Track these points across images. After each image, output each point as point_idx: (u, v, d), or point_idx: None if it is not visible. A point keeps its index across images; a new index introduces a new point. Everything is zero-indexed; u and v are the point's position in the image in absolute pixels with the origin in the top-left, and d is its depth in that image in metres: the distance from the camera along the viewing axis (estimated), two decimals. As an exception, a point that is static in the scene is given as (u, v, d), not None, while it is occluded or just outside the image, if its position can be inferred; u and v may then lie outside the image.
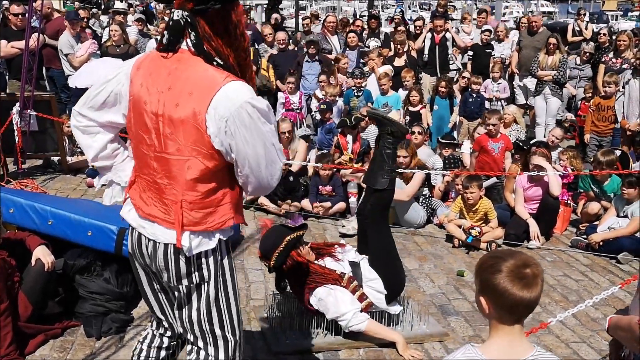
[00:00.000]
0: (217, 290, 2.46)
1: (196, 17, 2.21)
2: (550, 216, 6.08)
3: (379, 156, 4.18)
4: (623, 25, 30.01)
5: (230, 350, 2.55)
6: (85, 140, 2.56)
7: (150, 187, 2.39)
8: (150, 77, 2.30)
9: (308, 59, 9.26)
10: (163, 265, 2.42)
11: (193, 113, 2.21)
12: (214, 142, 2.23)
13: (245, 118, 2.20)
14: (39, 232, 4.28)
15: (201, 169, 2.28)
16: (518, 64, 10.08)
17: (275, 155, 2.32)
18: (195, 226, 2.34)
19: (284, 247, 3.78)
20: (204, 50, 2.24)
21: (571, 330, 4.30)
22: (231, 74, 2.25)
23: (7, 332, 3.54)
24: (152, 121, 2.29)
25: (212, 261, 2.43)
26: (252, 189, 2.39)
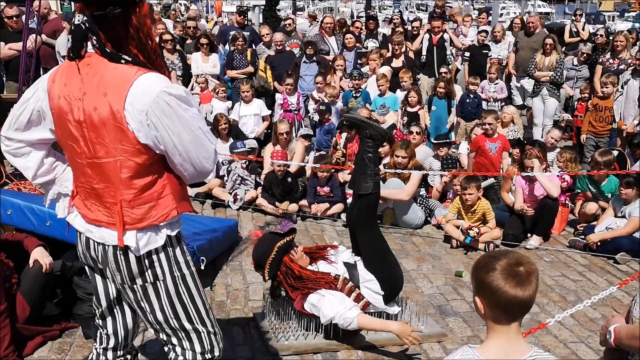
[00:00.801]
0: (175, 285, 2.48)
1: (97, 22, 2.21)
2: (548, 217, 6.08)
3: (360, 161, 4.16)
4: (620, 25, 30.08)
5: (205, 340, 2.58)
6: (20, 162, 2.58)
7: (90, 195, 2.41)
8: (66, 87, 2.31)
9: (306, 60, 9.26)
10: (115, 267, 2.43)
11: (111, 113, 2.21)
12: (139, 136, 2.23)
13: (164, 107, 2.20)
14: (37, 233, 4.27)
15: (133, 166, 2.29)
16: (515, 65, 10.09)
17: (203, 138, 2.32)
18: (139, 223, 2.35)
19: (276, 255, 3.79)
20: (107, 52, 2.24)
21: (569, 331, 4.30)
22: (143, 67, 2.25)
23: (6, 333, 3.53)
24: (77, 130, 2.31)
25: (164, 258, 2.44)
26: (189, 176, 2.39)
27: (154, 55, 2.32)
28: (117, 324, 2.70)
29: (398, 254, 5.22)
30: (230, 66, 9.56)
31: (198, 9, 24.97)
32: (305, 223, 6.50)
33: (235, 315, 4.37)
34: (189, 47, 10.21)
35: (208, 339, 2.59)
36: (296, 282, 3.85)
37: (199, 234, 4.93)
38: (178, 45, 10.00)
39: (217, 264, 5.15)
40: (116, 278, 2.48)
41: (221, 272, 5.08)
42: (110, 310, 2.68)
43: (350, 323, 3.76)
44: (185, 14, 18.37)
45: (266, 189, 6.75)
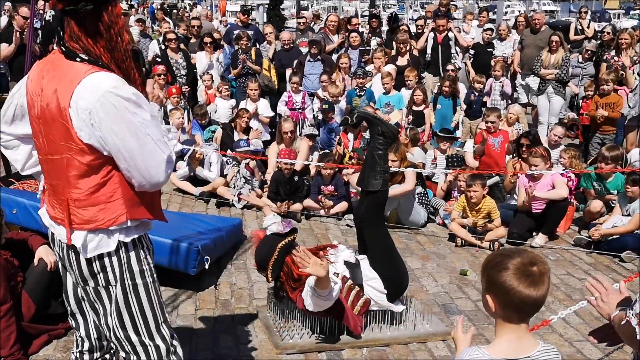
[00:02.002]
0: (125, 293, 2.40)
1: (67, 18, 2.20)
2: (557, 216, 6.06)
3: (370, 158, 4.16)
4: (625, 23, 29.96)
5: (152, 353, 2.47)
6: (11, 155, 2.62)
7: (50, 190, 2.41)
8: (32, 83, 2.33)
9: (310, 59, 9.26)
10: (69, 266, 2.43)
11: (58, 109, 2.20)
12: (81, 135, 2.19)
13: (109, 108, 2.14)
14: (42, 232, 4.28)
15: (78, 166, 2.25)
16: (520, 63, 10.06)
17: (153, 146, 2.22)
18: (86, 224, 2.30)
19: (278, 255, 3.79)
20: (66, 48, 2.22)
21: (574, 329, 4.29)
22: (98, 67, 2.21)
23: (11, 332, 3.55)
24: (37, 125, 2.32)
25: (117, 263, 2.37)
26: (137, 184, 2.29)
27: (123, 55, 2.28)
28: (89, 324, 2.63)
29: (403, 253, 5.21)
30: (234, 65, 9.57)
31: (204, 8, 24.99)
32: (310, 222, 6.49)
33: (239, 314, 4.37)
34: (192, 47, 10.23)
35: (156, 352, 2.48)
36: (295, 283, 3.85)
37: (203, 233, 4.94)
38: (182, 44, 10.01)
39: (222, 263, 5.16)
40: (72, 276, 2.47)
41: (226, 270, 5.08)
42: (80, 310, 2.62)
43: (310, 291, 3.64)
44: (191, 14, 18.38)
45: (272, 188, 6.75)
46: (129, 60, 2.30)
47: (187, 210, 6.66)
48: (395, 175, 6.12)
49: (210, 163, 7.27)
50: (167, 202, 6.91)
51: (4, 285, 3.54)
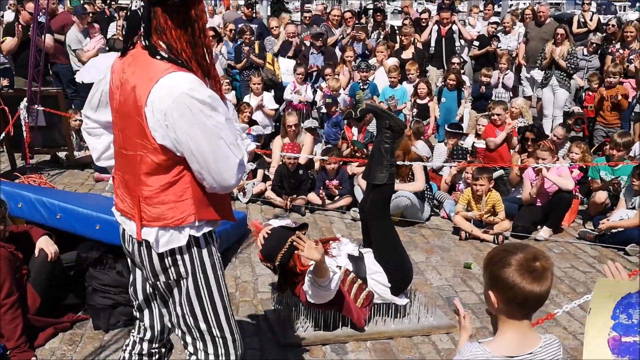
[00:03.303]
0: (197, 286, 2.42)
1: (154, 8, 2.17)
2: (562, 209, 6.05)
3: (377, 151, 4.15)
4: (631, 15, 29.75)
5: (220, 345, 2.50)
6: (91, 142, 2.63)
7: (121, 184, 2.42)
8: (113, 74, 2.33)
9: (313, 51, 9.25)
10: (139, 261, 2.43)
11: (135, 107, 2.19)
12: (155, 136, 2.18)
13: (184, 111, 2.12)
14: (48, 226, 4.31)
15: (150, 164, 2.24)
16: (525, 56, 10.02)
17: (226, 150, 2.20)
18: (156, 222, 2.30)
19: (288, 248, 3.79)
20: (149, 44, 2.20)
21: (579, 322, 4.29)
22: (178, 66, 2.19)
23: (17, 324, 3.57)
24: (115, 117, 2.33)
25: (188, 258, 2.37)
26: (208, 185, 2.28)
27: (205, 51, 2.26)
28: (154, 317, 2.65)
29: (407, 246, 5.21)
30: (238, 59, 9.56)
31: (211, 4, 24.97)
32: (314, 215, 6.50)
33: (244, 307, 4.39)
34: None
35: (223, 344, 2.50)
36: (298, 278, 3.86)
37: (207, 227, 4.94)
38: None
39: (226, 256, 5.17)
40: (143, 271, 2.48)
41: (230, 264, 5.10)
42: (147, 303, 2.63)
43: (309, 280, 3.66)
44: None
45: (276, 182, 6.76)
46: (209, 57, 2.29)
47: (191, 204, 6.65)
48: (402, 169, 6.13)
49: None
50: (172, 196, 6.92)
51: (9, 278, 3.57)
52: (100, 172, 7.38)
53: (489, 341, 2.03)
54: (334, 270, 3.69)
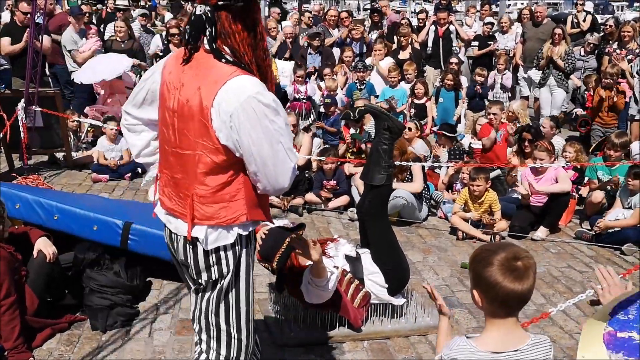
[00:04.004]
0: (229, 284, 2.45)
1: (218, 13, 2.23)
2: (559, 209, 6.07)
3: (375, 152, 4.16)
4: (628, 15, 29.81)
5: (233, 347, 2.53)
6: (130, 138, 2.67)
7: (169, 182, 2.45)
8: (170, 75, 2.36)
9: (311, 52, 9.26)
10: (183, 258, 2.47)
11: (200, 108, 2.23)
12: (219, 136, 2.23)
13: (250, 113, 2.18)
14: (45, 227, 4.32)
15: (209, 164, 2.29)
16: (522, 56, 10.04)
17: (283, 154, 2.27)
18: (208, 220, 2.34)
19: (286, 248, 3.80)
20: (215, 47, 2.25)
21: (575, 321, 4.30)
22: (242, 69, 2.24)
23: (15, 325, 3.58)
24: (170, 117, 2.35)
25: (231, 256, 2.42)
26: (262, 187, 2.35)
27: (264, 54, 2.33)
28: None
29: (404, 246, 5.22)
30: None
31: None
32: (312, 216, 6.51)
33: (241, 307, 4.39)
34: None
35: (236, 347, 2.54)
36: (294, 278, 3.87)
37: (205, 227, 4.95)
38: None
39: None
40: (187, 269, 2.52)
41: (228, 264, 5.10)
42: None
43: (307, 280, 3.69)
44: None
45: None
46: (267, 59, 2.36)
47: (189, 204, 6.66)
48: (402, 171, 6.14)
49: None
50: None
51: (8, 279, 3.57)
52: (97, 173, 7.39)
53: (477, 337, 2.07)
54: (332, 270, 3.70)
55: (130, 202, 6.34)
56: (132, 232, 4.40)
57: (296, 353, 3.82)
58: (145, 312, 4.26)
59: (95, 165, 7.52)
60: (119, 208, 5.20)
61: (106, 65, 8.64)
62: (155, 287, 4.63)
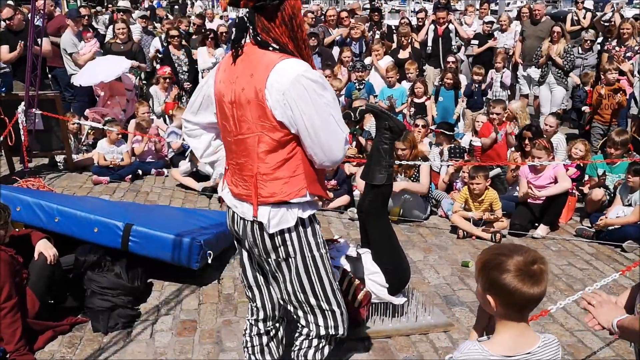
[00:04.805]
0: (305, 264, 2.67)
1: (256, 13, 2.45)
2: (558, 207, 6.08)
3: (375, 152, 4.16)
4: (628, 12, 29.76)
5: (329, 317, 2.77)
6: (192, 142, 2.92)
7: (234, 170, 2.66)
8: (224, 72, 2.59)
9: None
10: (252, 241, 2.66)
11: (255, 92, 2.43)
12: (275, 114, 2.43)
13: (300, 90, 2.38)
14: (46, 229, 4.33)
15: (269, 142, 2.48)
16: (522, 54, 10.05)
17: (335, 126, 2.46)
18: (271, 197, 2.53)
19: None
20: (260, 40, 2.48)
21: (575, 319, 4.31)
22: (288, 54, 2.45)
23: (17, 327, 3.59)
24: (229, 110, 2.56)
25: (295, 237, 2.62)
26: (318, 160, 2.53)
27: (302, 44, 2.52)
28: (264, 296, 2.92)
29: (405, 245, 5.23)
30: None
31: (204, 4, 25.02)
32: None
33: (242, 307, 4.40)
34: (194, 42, 10.25)
35: (332, 317, 2.77)
36: None
37: (206, 228, 4.96)
38: (184, 40, 10.03)
39: (225, 258, 5.18)
40: (254, 250, 2.71)
41: (228, 265, 5.12)
42: (256, 284, 2.90)
43: None
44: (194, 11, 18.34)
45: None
46: (307, 49, 2.55)
47: (189, 205, 6.68)
48: (410, 167, 6.15)
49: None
50: (170, 198, 6.94)
51: (9, 282, 3.58)
52: (98, 175, 7.40)
53: (487, 340, 2.04)
54: (333, 270, 3.70)
55: (130, 204, 6.36)
56: (133, 234, 4.41)
57: (297, 353, 3.83)
58: (146, 314, 4.27)
59: (95, 167, 7.53)
60: (120, 210, 5.21)
61: (104, 68, 8.65)
62: (156, 288, 4.65)
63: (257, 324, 2.98)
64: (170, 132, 8.02)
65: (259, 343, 3.00)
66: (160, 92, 9.03)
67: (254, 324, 2.99)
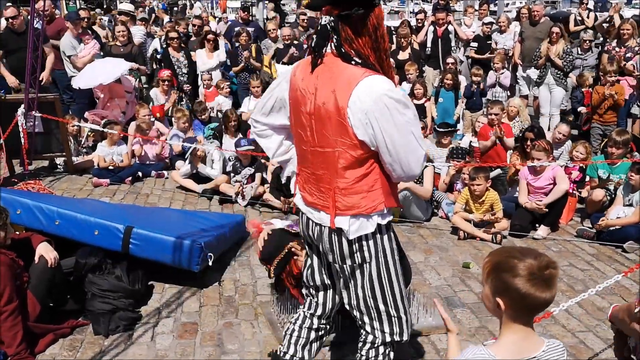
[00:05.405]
0: (378, 270, 2.67)
1: (340, 22, 2.42)
2: (558, 208, 6.07)
3: None
4: (627, 13, 29.77)
5: (395, 324, 2.77)
6: (263, 143, 2.93)
7: (309, 179, 2.66)
8: (303, 81, 2.56)
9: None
10: (328, 247, 2.67)
11: (337, 108, 2.42)
12: (357, 133, 2.42)
13: (383, 109, 2.37)
14: (46, 232, 4.32)
15: (349, 159, 2.48)
16: (521, 55, 10.05)
17: (415, 143, 2.46)
18: (349, 210, 2.54)
19: (285, 254, 3.80)
20: (343, 52, 2.44)
21: (577, 320, 4.30)
22: (371, 70, 2.42)
23: (18, 331, 3.58)
24: (306, 120, 2.55)
25: (372, 244, 2.62)
26: (396, 176, 2.55)
27: (384, 55, 2.49)
28: (327, 297, 2.95)
29: (405, 246, 5.23)
30: (234, 62, 9.58)
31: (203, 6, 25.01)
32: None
33: (243, 310, 4.40)
34: (192, 44, 10.25)
35: (398, 323, 2.77)
36: (295, 281, 3.88)
37: (206, 230, 4.96)
38: (183, 43, 10.03)
39: (225, 260, 5.18)
40: (328, 256, 2.71)
41: (229, 267, 5.11)
42: (323, 285, 2.92)
43: None
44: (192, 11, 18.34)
45: (274, 184, 6.76)
46: (387, 60, 2.51)
47: (190, 207, 6.68)
48: None
49: (212, 160, 7.30)
50: (170, 200, 6.94)
51: (10, 285, 3.57)
52: (98, 177, 7.40)
53: (493, 343, 2.04)
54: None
55: (131, 206, 6.35)
56: (134, 237, 4.40)
57: (299, 355, 3.82)
58: (147, 316, 4.26)
59: (95, 170, 7.52)
60: (120, 212, 5.21)
61: (104, 70, 8.65)
62: (157, 291, 4.64)
63: (312, 318, 3.00)
64: (173, 135, 8.03)
65: (306, 336, 3.00)
66: (160, 94, 9.03)
67: (309, 318, 3.00)
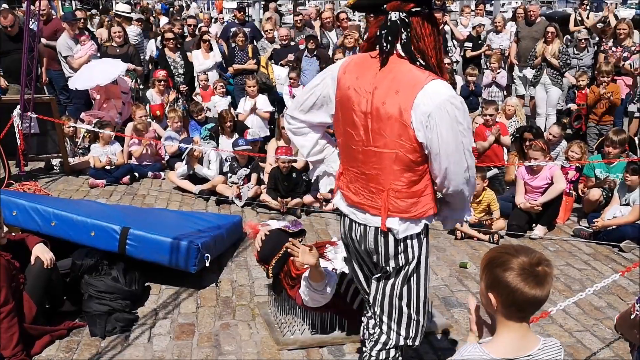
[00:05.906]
0: (413, 271, 2.66)
1: (411, 18, 2.41)
2: (554, 208, 6.08)
3: None
4: (622, 13, 29.84)
5: (412, 328, 2.74)
6: (298, 140, 2.88)
7: (357, 178, 2.61)
8: (358, 80, 2.51)
9: (307, 54, 9.26)
10: (373, 247, 2.64)
11: (399, 110, 2.40)
12: (418, 135, 2.41)
13: (444, 115, 2.37)
14: (43, 233, 4.31)
15: (406, 161, 2.47)
16: (517, 55, 10.06)
17: (462, 153, 2.45)
18: (401, 213, 2.53)
19: (283, 254, 3.79)
20: (411, 51, 2.42)
21: (574, 319, 4.31)
22: (432, 73, 2.42)
23: (14, 332, 3.56)
24: (360, 119, 2.51)
25: (417, 244, 2.63)
26: (439, 184, 2.54)
27: (441, 57, 2.51)
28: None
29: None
30: (231, 63, 9.56)
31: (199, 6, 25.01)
32: (310, 218, 6.51)
33: (240, 311, 4.39)
34: (187, 45, 10.23)
35: (415, 327, 2.75)
36: (293, 281, 3.87)
37: (203, 231, 4.95)
38: (178, 43, 10.00)
39: (222, 261, 5.17)
40: (372, 257, 2.69)
41: (226, 268, 5.10)
42: (367, 284, 2.84)
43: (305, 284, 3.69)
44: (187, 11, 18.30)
45: (271, 185, 6.76)
46: (443, 63, 2.54)
47: (186, 208, 6.67)
48: None
49: (209, 161, 7.28)
50: (167, 201, 6.92)
51: (5, 287, 3.56)
52: (94, 178, 7.38)
53: (488, 342, 2.03)
54: (330, 273, 3.69)
55: (127, 207, 6.34)
56: (130, 238, 4.39)
57: (297, 355, 3.82)
58: (144, 318, 4.25)
59: (92, 170, 7.50)
60: (117, 213, 5.19)
61: (100, 71, 8.62)
62: (153, 292, 4.63)
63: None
64: (167, 136, 8.01)
65: None
66: (156, 95, 9.01)
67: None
